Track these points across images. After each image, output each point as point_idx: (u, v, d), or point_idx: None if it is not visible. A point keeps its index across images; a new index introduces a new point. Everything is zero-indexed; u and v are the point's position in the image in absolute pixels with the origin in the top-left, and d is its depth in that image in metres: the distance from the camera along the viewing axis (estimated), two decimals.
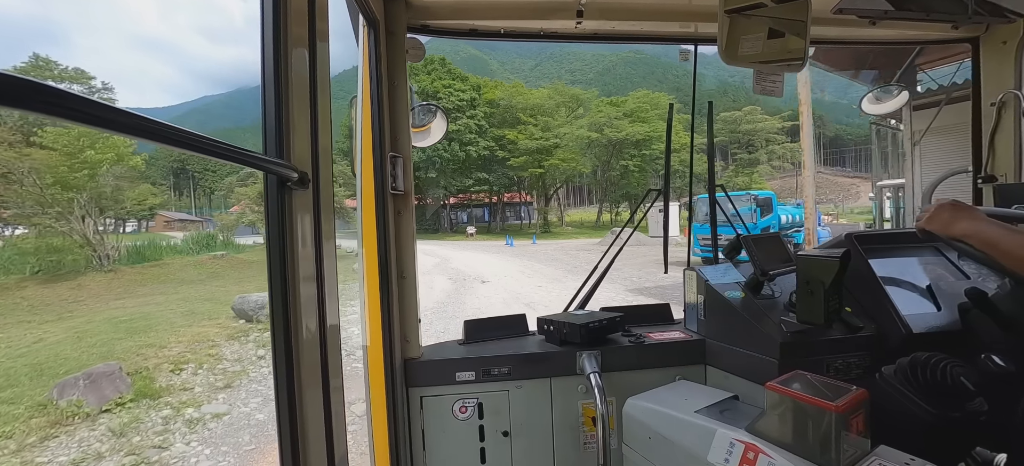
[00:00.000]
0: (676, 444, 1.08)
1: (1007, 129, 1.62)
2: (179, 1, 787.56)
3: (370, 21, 1.23)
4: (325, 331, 0.80)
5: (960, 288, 1.18)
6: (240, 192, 29.12)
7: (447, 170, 38.71)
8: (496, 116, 41.61)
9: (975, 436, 0.89)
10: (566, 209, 57.36)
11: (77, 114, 0.34)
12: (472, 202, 45.43)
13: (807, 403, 0.85)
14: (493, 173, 40.63)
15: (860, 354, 1.20)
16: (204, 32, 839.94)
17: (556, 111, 43.23)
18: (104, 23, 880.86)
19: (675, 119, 1.92)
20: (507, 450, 1.42)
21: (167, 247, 19.08)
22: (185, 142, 0.48)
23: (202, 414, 4.98)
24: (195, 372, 6.24)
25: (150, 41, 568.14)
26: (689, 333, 1.52)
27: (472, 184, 40.79)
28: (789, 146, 52.39)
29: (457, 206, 46.12)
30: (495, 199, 44.71)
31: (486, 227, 43.27)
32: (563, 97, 46.57)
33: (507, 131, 40.08)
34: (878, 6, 1.37)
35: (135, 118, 0.41)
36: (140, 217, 39.96)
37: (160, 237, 23.99)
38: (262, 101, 0.70)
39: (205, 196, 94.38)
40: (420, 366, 1.40)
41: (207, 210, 79.20)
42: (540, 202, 44.14)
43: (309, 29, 0.77)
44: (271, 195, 0.70)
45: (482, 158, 39.45)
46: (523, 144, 38.82)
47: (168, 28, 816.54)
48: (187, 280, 14.22)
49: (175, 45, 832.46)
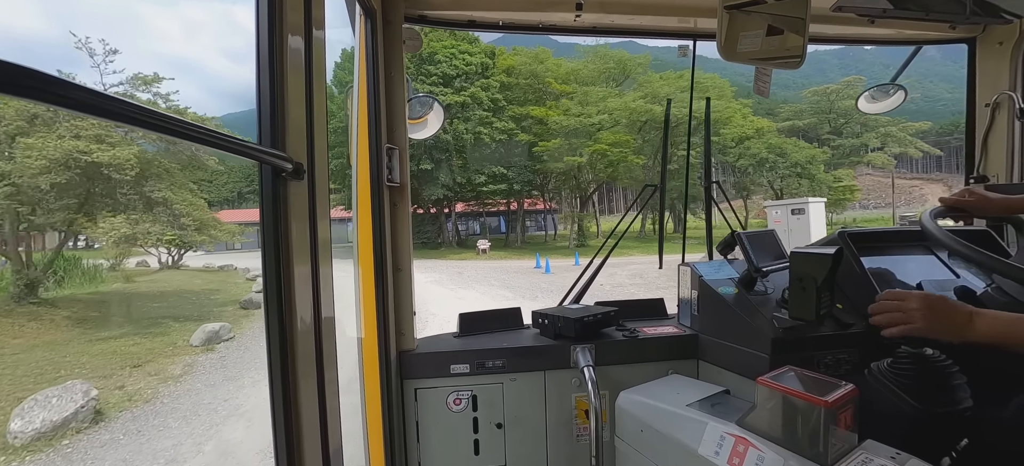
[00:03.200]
0: (668, 437, 1.09)
1: (1000, 130, 1.63)
2: (202, 23, 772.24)
3: (367, 10, 1.22)
4: (320, 323, 0.80)
5: (950, 286, 1.19)
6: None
7: (451, 162, 27.25)
8: (516, 91, 29.87)
9: (960, 430, 0.91)
10: (598, 216, 41.38)
11: (74, 102, 0.34)
12: (485, 209, 33.62)
13: (797, 398, 0.86)
14: (513, 167, 28.86)
15: (850, 350, 1.22)
16: (226, 53, 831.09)
17: (596, 82, 30.92)
18: (131, 45, 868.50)
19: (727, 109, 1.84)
20: (501, 442, 1.43)
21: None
22: (179, 131, 0.47)
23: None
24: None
25: (176, 61, 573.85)
26: (682, 328, 1.53)
27: (485, 182, 28.32)
28: (914, 126, 34.48)
29: (465, 214, 35.10)
30: (514, 205, 32.53)
31: (502, 240, 31.69)
32: (606, 64, 31.96)
33: (531, 109, 28.84)
34: (877, 5, 1.37)
35: (130, 107, 0.40)
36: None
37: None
38: (256, 90, 0.69)
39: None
40: (415, 358, 1.40)
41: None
42: (572, 205, 32.70)
43: (305, 17, 0.76)
44: (266, 186, 0.70)
45: (498, 146, 28.03)
46: (555, 123, 27.36)
47: (192, 48, 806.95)
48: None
49: (199, 65, 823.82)
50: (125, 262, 14.16)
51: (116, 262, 13.35)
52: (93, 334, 8.52)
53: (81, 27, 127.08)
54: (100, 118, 0.39)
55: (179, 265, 18.23)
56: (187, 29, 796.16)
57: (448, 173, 27.25)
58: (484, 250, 25.94)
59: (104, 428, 5.16)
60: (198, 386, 6.35)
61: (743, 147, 29.02)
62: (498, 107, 28.15)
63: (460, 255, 25.50)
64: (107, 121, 0.42)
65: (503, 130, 27.73)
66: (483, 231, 33.45)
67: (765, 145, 28.91)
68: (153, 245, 14.50)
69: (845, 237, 1.34)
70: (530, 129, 28.89)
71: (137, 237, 11.66)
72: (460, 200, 30.79)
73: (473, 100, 27.02)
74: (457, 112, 26.46)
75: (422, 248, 29.08)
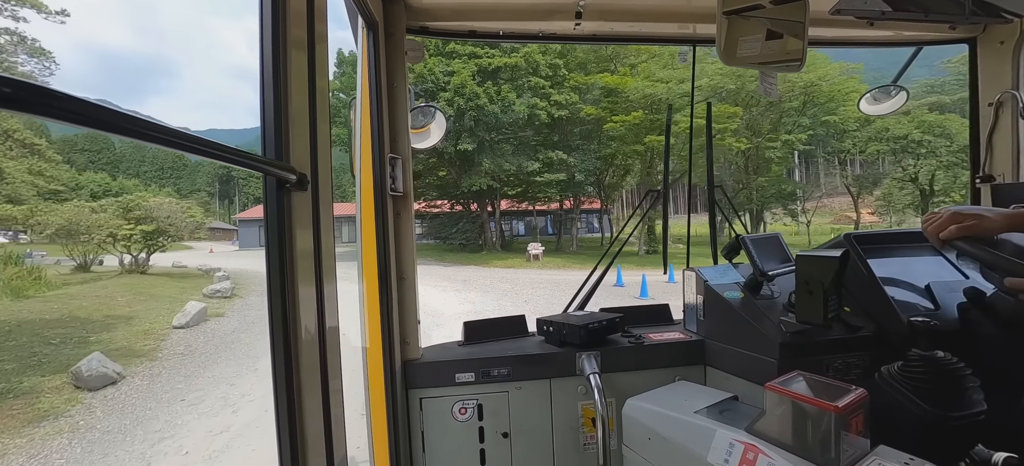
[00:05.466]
0: (676, 445, 1.08)
1: (1004, 129, 1.63)
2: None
3: (369, 23, 1.24)
4: (324, 333, 0.80)
5: (959, 288, 1.18)
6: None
7: (494, 142, 20.92)
8: (579, 54, 23.25)
9: (974, 435, 0.89)
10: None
11: (79, 117, 0.34)
12: (535, 206, 27.36)
13: (807, 403, 0.85)
14: (575, 151, 22.27)
15: (859, 354, 1.20)
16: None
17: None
18: (204, 56, 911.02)
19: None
20: (507, 451, 1.42)
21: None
22: (184, 144, 0.48)
23: None
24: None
25: (239, 70, 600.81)
26: (688, 334, 1.52)
27: (539, 170, 21.78)
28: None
29: (507, 213, 29.09)
30: (567, 203, 26.33)
31: (551, 243, 26.03)
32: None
33: (602, 76, 22.02)
34: (876, 7, 1.38)
35: (135, 121, 0.41)
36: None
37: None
38: (260, 103, 0.70)
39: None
40: (420, 367, 1.39)
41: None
42: (644, 199, 14.51)
43: (308, 31, 0.77)
44: (270, 197, 0.70)
45: (554, 123, 21.86)
46: (635, 90, 20.74)
47: (254, 58, 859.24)
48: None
49: (257, 73, 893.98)
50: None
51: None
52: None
53: (161, 41, 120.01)
54: (108, 133, 0.40)
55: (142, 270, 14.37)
56: (250, 40, 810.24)
57: (492, 158, 21.04)
58: (536, 255, 20.50)
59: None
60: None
61: (871, 130, 22.23)
62: (558, 76, 22.06)
63: (505, 260, 20.84)
64: (115, 136, 0.42)
65: (563, 104, 21.24)
66: (531, 233, 28.06)
67: (916, 125, 22.56)
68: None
69: (851, 239, 1.33)
70: (597, 100, 22.27)
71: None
72: (505, 195, 25.14)
73: (527, 64, 21.06)
74: (507, 77, 21.06)
75: (460, 251, 24.79)
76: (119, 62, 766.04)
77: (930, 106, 26.45)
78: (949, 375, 0.93)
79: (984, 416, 0.90)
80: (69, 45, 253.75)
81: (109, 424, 5.30)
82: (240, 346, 8.18)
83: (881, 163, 22.63)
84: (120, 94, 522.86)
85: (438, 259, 22.47)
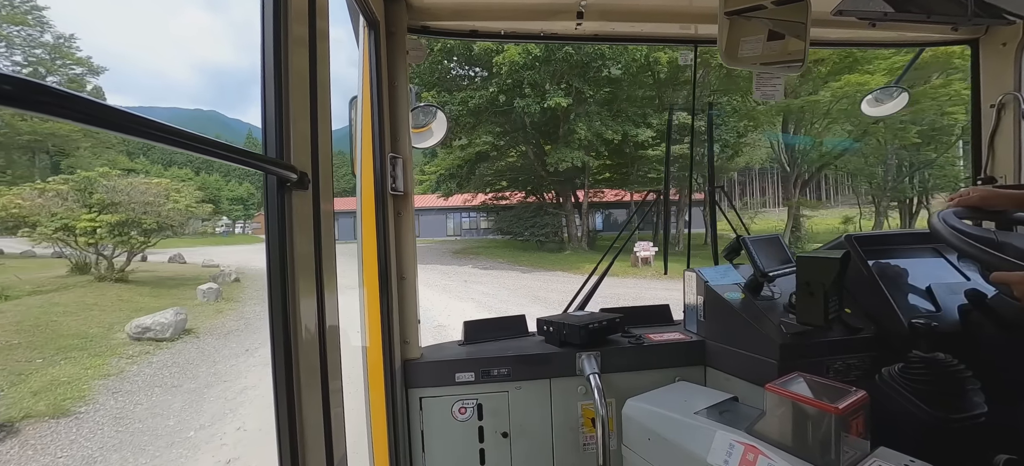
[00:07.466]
0: (676, 445, 1.07)
1: (1007, 131, 1.62)
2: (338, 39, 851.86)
3: (370, 22, 1.23)
4: (324, 332, 0.80)
5: (960, 289, 1.18)
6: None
7: (595, 107, 16.38)
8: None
9: (975, 437, 0.89)
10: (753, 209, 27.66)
11: (77, 114, 0.34)
12: (628, 193, 21.97)
13: (807, 405, 0.85)
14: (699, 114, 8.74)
15: (860, 355, 1.20)
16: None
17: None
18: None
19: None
20: (506, 451, 1.42)
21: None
22: (185, 143, 0.48)
23: None
24: None
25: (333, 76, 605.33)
26: (689, 334, 1.52)
27: (652, 140, 16.69)
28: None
29: (597, 205, 24.43)
30: (676, 195, 15.59)
31: (648, 239, 18.61)
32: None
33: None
34: (878, 8, 1.37)
35: (136, 119, 0.41)
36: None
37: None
38: (262, 101, 0.70)
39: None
40: (419, 367, 1.39)
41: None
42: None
43: (309, 29, 0.77)
44: (271, 196, 0.70)
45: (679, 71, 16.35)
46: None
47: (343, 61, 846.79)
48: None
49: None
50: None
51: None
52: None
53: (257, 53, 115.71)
54: (110, 131, 0.40)
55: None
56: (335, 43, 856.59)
57: (589, 124, 15.70)
58: (646, 259, 15.06)
59: None
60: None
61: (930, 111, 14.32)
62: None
63: (595, 262, 12.41)
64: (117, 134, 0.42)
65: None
66: (608, 227, 22.31)
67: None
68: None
69: (852, 240, 1.33)
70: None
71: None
72: (595, 179, 19.70)
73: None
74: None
75: (537, 250, 20.12)
76: (226, 77, 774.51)
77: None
78: (950, 377, 0.92)
79: (985, 418, 0.90)
80: (188, 66, 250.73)
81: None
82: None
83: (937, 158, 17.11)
84: (226, 104, 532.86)
85: (512, 261, 18.07)
